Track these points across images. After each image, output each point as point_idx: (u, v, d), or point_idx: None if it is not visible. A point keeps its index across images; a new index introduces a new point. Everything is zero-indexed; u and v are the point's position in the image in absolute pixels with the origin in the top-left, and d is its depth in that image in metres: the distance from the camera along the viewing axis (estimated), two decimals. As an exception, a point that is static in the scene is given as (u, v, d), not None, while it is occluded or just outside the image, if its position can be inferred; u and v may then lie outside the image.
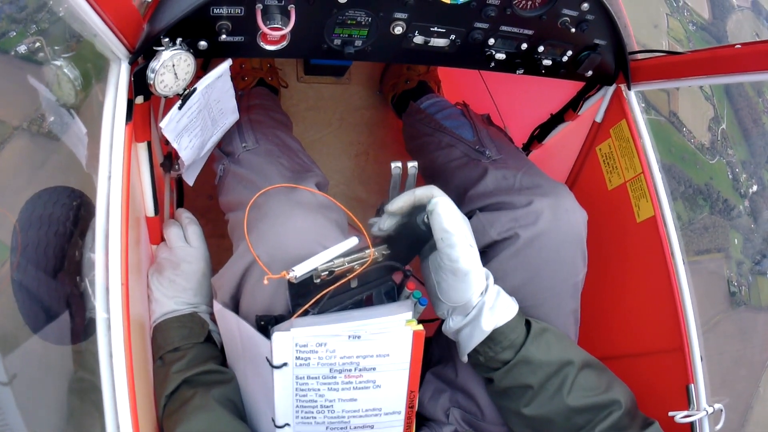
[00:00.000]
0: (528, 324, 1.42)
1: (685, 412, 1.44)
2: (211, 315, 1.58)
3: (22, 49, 3.64)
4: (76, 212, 1.60)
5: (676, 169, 8.68)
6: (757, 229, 8.99)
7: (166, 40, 1.28)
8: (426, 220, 1.34)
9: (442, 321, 1.48)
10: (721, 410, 1.46)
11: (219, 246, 1.74)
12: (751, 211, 9.15)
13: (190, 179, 1.69)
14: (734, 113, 9.80)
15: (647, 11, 9.14)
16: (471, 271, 1.34)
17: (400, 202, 1.36)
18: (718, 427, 1.47)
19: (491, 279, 1.42)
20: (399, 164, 1.40)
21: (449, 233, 1.30)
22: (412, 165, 1.41)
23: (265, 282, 1.21)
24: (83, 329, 1.60)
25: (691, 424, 1.45)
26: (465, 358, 1.44)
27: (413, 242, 1.40)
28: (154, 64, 1.27)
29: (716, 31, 9.77)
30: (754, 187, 9.42)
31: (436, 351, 1.70)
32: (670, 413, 1.43)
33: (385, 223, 1.39)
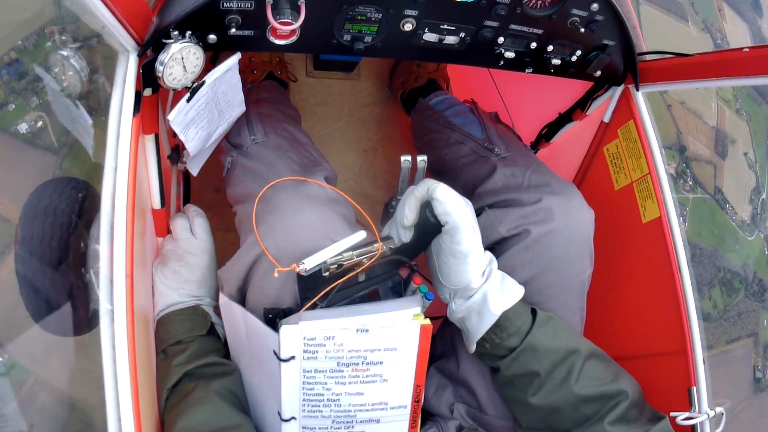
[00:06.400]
0: (534, 312, 1.42)
1: (687, 414, 1.44)
2: (215, 308, 1.58)
3: (23, 128, 3.33)
4: (81, 204, 1.59)
5: (718, 254, 8.61)
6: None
7: (176, 33, 1.27)
8: (432, 211, 1.34)
9: (446, 315, 1.48)
10: (722, 414, 1.46)
11: (224, 239, 1.74)
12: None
13: (194, 170, 1.68)
14: (775, 179, 9.73)
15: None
16: (471, 253, 1.34)
17: (410, 213, 1.34)
18: (719, 430, 1.46)
19: (495, 264, 1.43)
20: (408, 158, 1.40)
21: (451, 215, 1.30)
22: (422, 159, 1.40)
23: (276, 275, 1.21)
24: (87, 321, 1.59)
25: (693, 427, 1.45)
26: (473, 348, 1.45)
27: (423, 236, 1.39)
28: (163, 56, 1.26)
29: (762, 89, 9.64)
30: (788, 261, 9.36)
31: (439, 345, 1.70)
32: (672, 414, 1.42)
33: (406, 235, 1.38)
